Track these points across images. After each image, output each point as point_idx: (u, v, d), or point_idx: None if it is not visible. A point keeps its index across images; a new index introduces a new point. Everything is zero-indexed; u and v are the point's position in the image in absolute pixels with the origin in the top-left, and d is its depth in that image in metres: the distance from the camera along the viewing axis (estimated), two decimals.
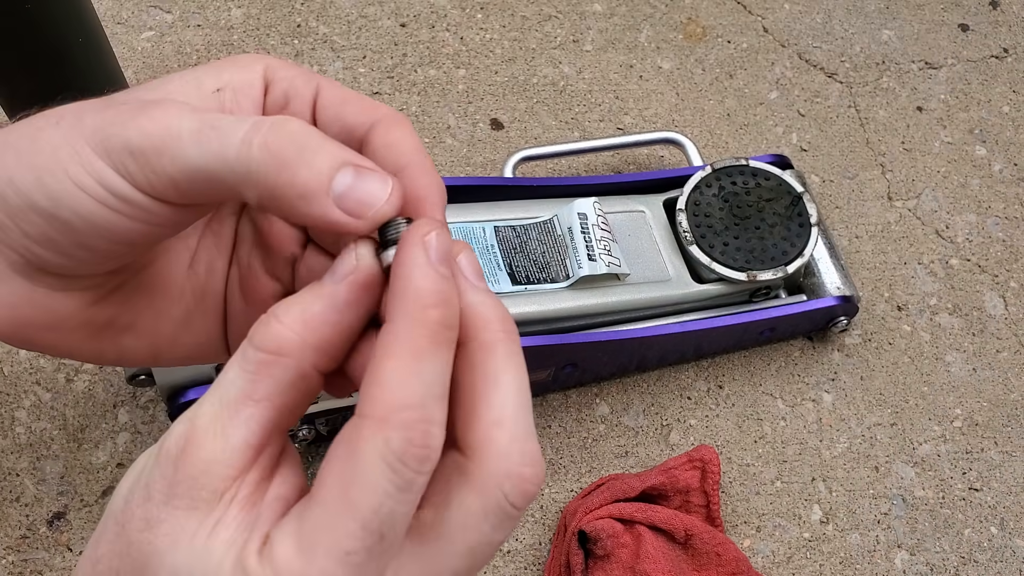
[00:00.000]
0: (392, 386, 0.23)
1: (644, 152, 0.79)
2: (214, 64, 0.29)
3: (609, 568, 0.59)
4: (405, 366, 0.23)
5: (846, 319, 0.69)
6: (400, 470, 0.23)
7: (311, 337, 0.25)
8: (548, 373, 0.64)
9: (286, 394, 0.25)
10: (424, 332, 0.24)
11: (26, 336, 0.29)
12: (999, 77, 0.86)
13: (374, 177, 0.25)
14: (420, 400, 0.23)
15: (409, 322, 0.24)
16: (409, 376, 0.23)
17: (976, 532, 0.66)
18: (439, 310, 0.24)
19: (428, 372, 0.24)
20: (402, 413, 0.23)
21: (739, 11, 0.88)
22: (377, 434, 0.23)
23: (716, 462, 0.63)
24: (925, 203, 0.79)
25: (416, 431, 0.23)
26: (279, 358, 0.24)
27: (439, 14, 0.84)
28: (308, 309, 0.25)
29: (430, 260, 0.24)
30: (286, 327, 0.24)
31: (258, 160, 0.24)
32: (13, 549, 0.60)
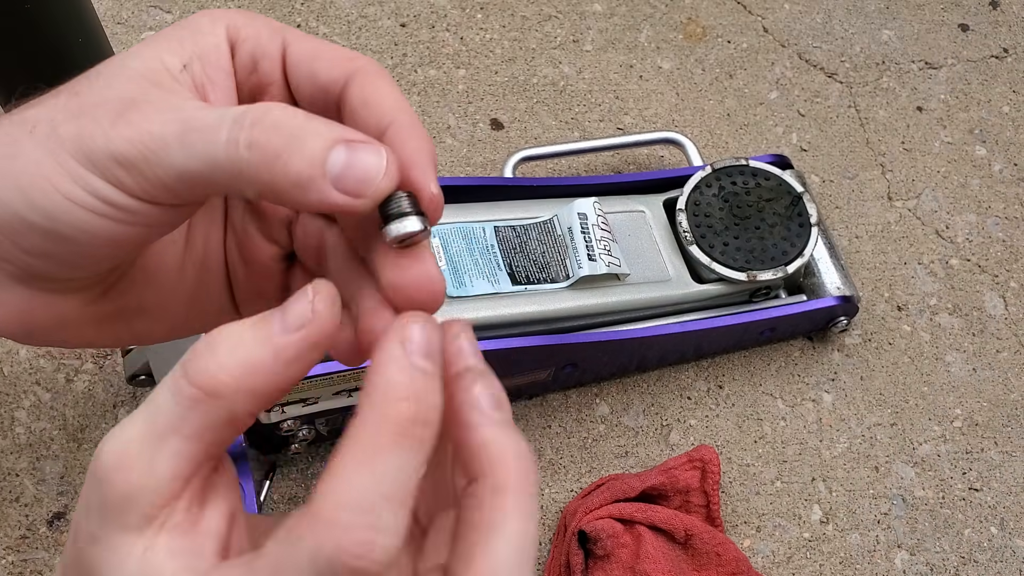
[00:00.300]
0: (338, 483, 0.21)
1: (644, 152, 0.79)
2: (173, 33, 0.27)
3: (609, 568, 0.59)
4: (358, 463, 0.22)
5: (846, 319, 0.69)
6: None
7: (248, 384, 0.23)
8: (548, 373, 0.64)
9: (216, 432, 0.23)
10: (388, 428, 0.22)
11: (36, 336, 0.28)
12: (999, 77, 0.86)
13: (368, 150, 0.24)
14: (369, 504, 0.21)
15: (374, 415, 0.22)
16: (360, 474, 0.22)
17: (976, 532, 0.66)
18: (408, 404, 0.22)
19: (384, 472, 0.22)
20: (342, 514, 0.21)
21: (739, 11, 0.88)
22: (310, 535, 0.21)
23: (716, 462, 0.63)
24: (925, 203, 0.79)
25: (353, 539, 0.21)
26: (211, 399, 0.23)
27: (439, 14, 0.84)
28: (251, 356, 0.23)
29: (407, 353, 0.23)
30: (224, 370, 0.23)
31: (247, 159, 0.23)
32: (13, 549, 0.60)
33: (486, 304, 0.59)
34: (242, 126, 0.23)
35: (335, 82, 0.27)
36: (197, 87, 0.26)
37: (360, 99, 0.26)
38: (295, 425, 0.58)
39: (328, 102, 0.27)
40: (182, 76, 0.26)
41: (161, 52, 0.26)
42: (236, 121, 0.24)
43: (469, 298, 0.59)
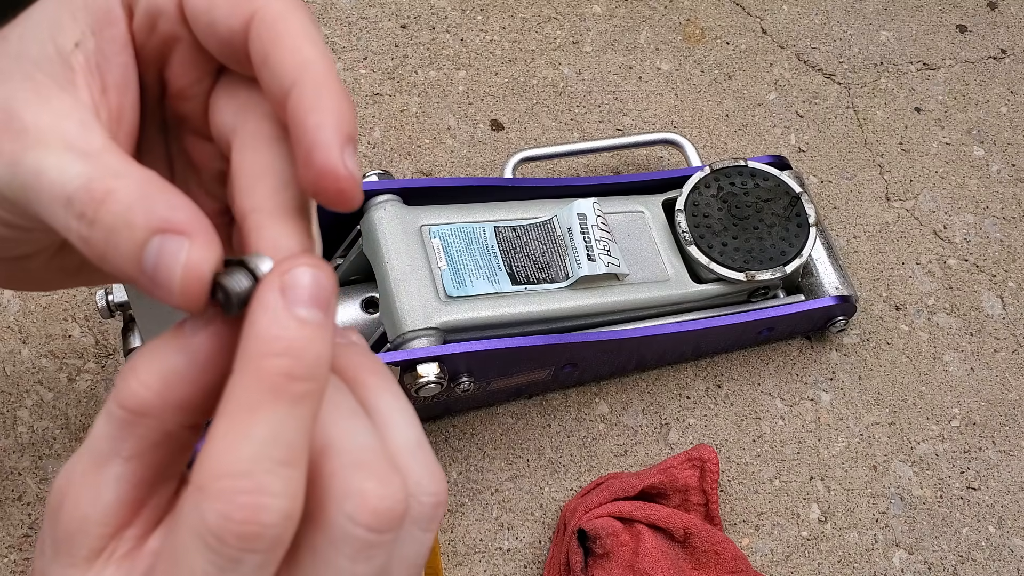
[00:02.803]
0: (216, 449, 0.20)
1: (643, 153, 0.79)
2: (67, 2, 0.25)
3: (608, 566, 0.59)
4: (234, 427, 0.20)
5: (844, 319, 0.69)
6: (219, 548, 0.20)
7: (171, 396, 0.22)
8: (548, 373, 0.64)
9: (155, 452, 0.23)
10: (261, 385, 0.21)
11: (11, 286, 0.28)
12: (997, 78, 0.86)
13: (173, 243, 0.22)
14: (247, 466, 0.20)
15: (245, 373, 0.21)
16: (238, 438, 0.20)
17: (974, 531, 0.66)
18: (282, 360, 0.21)
19: (262, 432, 0.20)
20: (222, 482, 0.20)
21: (738, 13, 0.88)
22: (193, 507, 0.20)
23: (715, 461, 0.63)
24: (923, 203, 0.80)
25: (235, 503, 0.20)
26: (140, 418, 0.22)
27: (439, 16, 0.84)
28: (167, 365, 0.22)
29: (289, 302, 0.21)
30: (144, 386, 0.22)
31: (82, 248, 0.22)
32: (15, 548, 0.60)
33: (486, 304, 0.59)
34: (72, 213, 0.22)
35: (235, 33, 0.24)
36: (91, 69, 0.25)
37: (260, 56, 0.24)
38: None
39: (237, 56, 0.25)
40: (75, 57, 0.24)
41: (55, 31, 0.25)
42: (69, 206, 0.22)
43: (469, 298, 0.59)
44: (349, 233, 0.63)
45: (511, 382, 0.64)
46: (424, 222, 0.61)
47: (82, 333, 0.67)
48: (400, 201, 0.62)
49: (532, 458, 0.66)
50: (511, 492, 0.65)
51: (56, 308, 0.67)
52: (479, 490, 0.65)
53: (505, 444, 0.67)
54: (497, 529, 0.64)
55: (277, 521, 0.20)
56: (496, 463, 0.66)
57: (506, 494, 0.65)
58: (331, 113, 0.23)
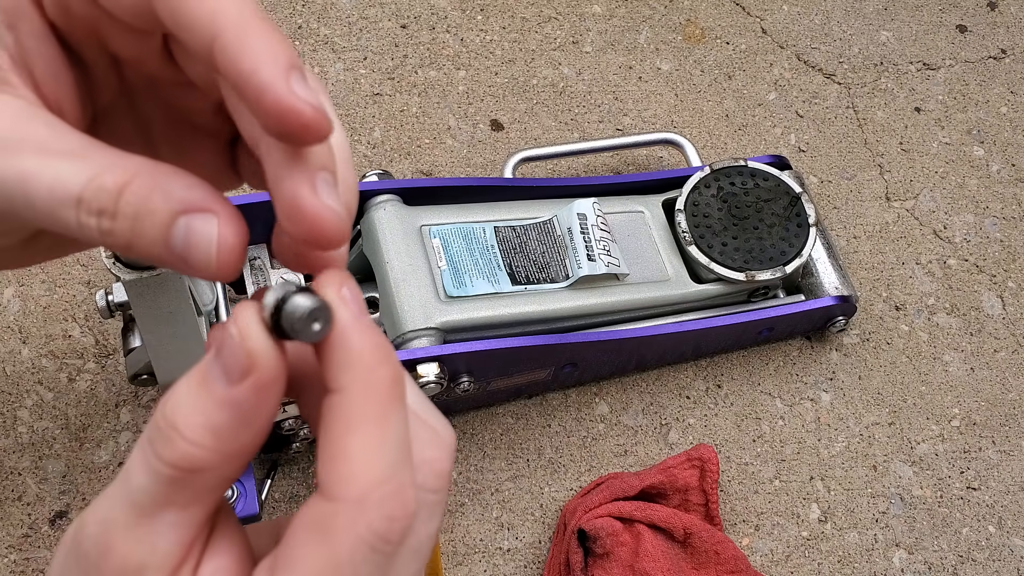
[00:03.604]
0: (362, 463, 0.22)
1: (643, 153, 0.79)
2: None
3: (608, 566, 0.59)
4: (371, 438, 0.22)
5: (844, 319, 0.69)
6: (383, 548, 0.21)
7: (228, 450, 0.22)
8: (548, 372, 0.64)
9: (213, 494, 0.23)
10: (379, 396, 0.22)
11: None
12: (997, 78, 0.86)
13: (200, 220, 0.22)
14: (393, 470, 0.22)
15: (362, 388, 0.22)
16: (377, 448, 0.22)
17: (974, 531, 0.66)
18: (386, 368, 0.22)
19: (393, 437, 0.22)
20: (379, 490, 0.21)
21: (738, 12, 0.88)
22: (357, 519, 0.21)
23: (715, 461, 0.63)
24: (923, 203, 0.80)
25: (396, 504, 0.22)
26: (195, 474, 0.22)
27: (439, 16, 0.84)
28: (213, 421, 0.22)
29: (356, 316, 0.22)
30: (195, 446, 0.22)
31: (103, 241, 0.22)
32: (15, 548, 0.60)
33: (486, 304, 0.59)
34: (90, 211, 0.22)
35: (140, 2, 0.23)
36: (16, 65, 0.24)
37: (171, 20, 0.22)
38: (297, 424, 0.59)
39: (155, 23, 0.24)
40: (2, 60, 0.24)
41: None
42: (81, 205, 0.22)
43: (469, 298, 0.59)
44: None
45: (511, 382, 0.64)
46: (424, 222, 0.61)
47: (82, 333, 0.67)
48: (400, 201, 0.62)
49: (532, 458, 0.66)
50: (511, 492, 0.65)
51: (56, 308, 0.67)
52: (479, 490, 0.65)
53: (505, 444, 0.67)
54: (497, 529, 0.64)
55: (415, 510, 0.22)
56: (496, 463, 0.66)
57: (506, 494, 0.65)
58: (262, 52, 0.22)
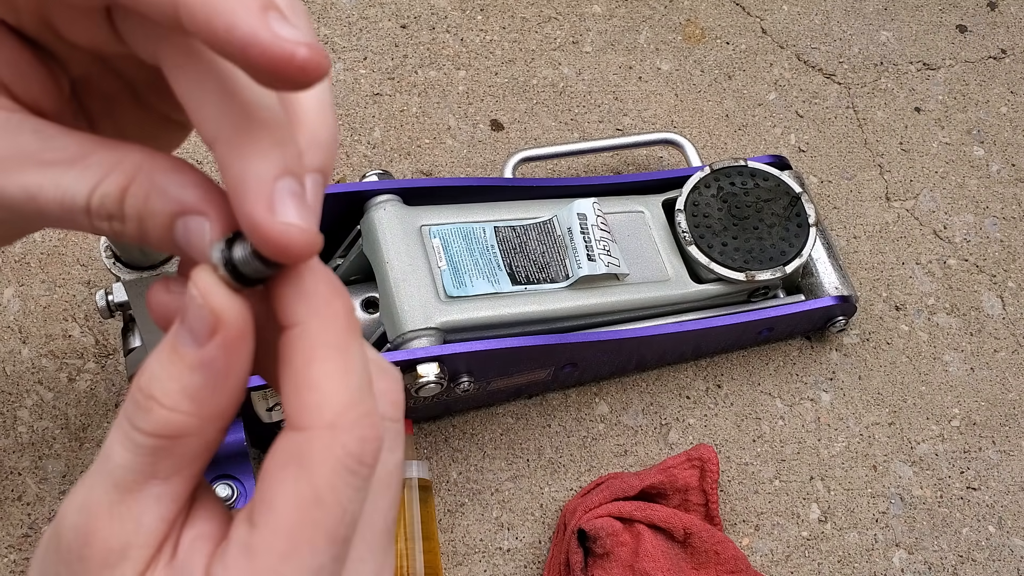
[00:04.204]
0: (329, 390, 0.22)
1: (643, 153, 0.79)
2: None
3: (608, 566, 0.59)
4: (335, 365, 0.22)
5: (844, 319, 0.69)
6: (358, 470, 0.22)
7: (206, 412, 0.22)
8: (548, 373, 0.64)
9: (196, 463, 0.23)
10: (337, 326, 0.22)
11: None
12: (997, 78, 0.86)
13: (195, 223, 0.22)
14: (359, 395, 0.22)
15: (319, 319, 0.22)
16: (343, 374, 0.22)
17: (974, 531, 0.66)
18: (341, 300, 0.23)
19: (356, 364, 0.23)
20: (349, 414, 0.22)
21: (738, 12, 0.88)
22: (332, 444, 0.22)
23: (715, 461, 0.63)
24: (923, 203, 0.80)
25: (366, 425, 0.22)
26: (177, 440, 0.22)
27: (439, 16, 0.84)
28: (188, 384, 0.22)
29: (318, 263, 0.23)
30: (174, 412, 0.22)
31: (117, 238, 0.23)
32: (15, 548, 0.60)
33: (486, 304, 0.59)
34: (100, 217, 0.23)
35: None
36: None
37: None
38: None
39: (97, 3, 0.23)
40: None
41: None
42: (90, 213, 0.23)
43: (469, 298, 0.59)
44: (349, 233, 0.63)
45: (511, 382, 0.64)
46: (424, 222, 0.61)
47: (82, 333, 0.67)
48: (400, 201, 0.62)
49: (532, 458, 0.66)
50: (511, 492, 0.65)
51: (56, 308, 0.67)
52: (479, 490, 0.65)
53: (505, 444, 0.67)
54: (497, 529, 0.64)
55: (382, 433, 0.23)
56: (496, 463, 0.66)
57: (506, 494, 0.65)
58: (231, 2, 0.20)
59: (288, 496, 0.21)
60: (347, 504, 0.22)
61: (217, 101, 0.22)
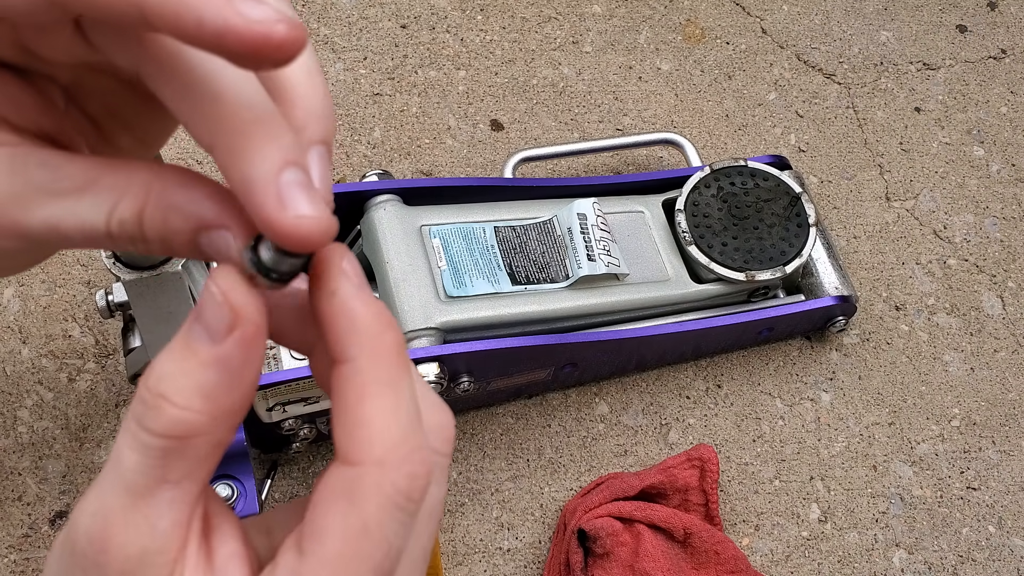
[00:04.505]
0: (380, 426, 0.22)
1: (643, 153, 0.79)
2: None
3: (609, 566, 0.59)
4: (385, 402, 0.23)
5: (844, 319, 0.69)
6: (407, 506, 0.22)
7: (218, 410, 0.22)
8: (548, 372, 0.64)
9: (206, 465, 0.23)
10: (388, 362, 0.23)
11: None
12: (997, 78, 0.86)
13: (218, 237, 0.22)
14: (409, 431, 0.23)
15: (371, 355, 0.23)
16: (393, 411, 0.23)
17: (974, 531, 0.66)
18: (391, 334, 0.23)
19: (405, 401, 0.23)
20: (399, 450, 0.22)
21: (738, 12, 0.88)
22: (382, 480, 0.22)
23: (715, 461, 0.63)
24: (923, 203, 0.80)
25: (416, 462, 0.22)
26: (188, 441, 0.22)
27: (439, 16, 0.84)
28: (202, 382, 0.21)
29: (358, 287, 0.23)
30: (186, 410, 0.21)
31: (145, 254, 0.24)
32: (15, 548, 0.60)
33: (486, 304, 0.59)
34: (125, 239, 0.23)
35: None
36: None
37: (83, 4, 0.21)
38: (296, 424, 0.59)
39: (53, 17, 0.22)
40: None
41: None
42: (112, 237, 0.23)
43: (469, 298, 0.59)
44: (349, 233, 0.63)
45: (511, 382, 0.64)
46: (424, 222, 0.61)
47: (82, 333, 0.67)
48: (400, 201, 0.62)
49: (532, 458, 0.66)
50: (511, 492, 0.65)
51: (56, 308, 0.67)
52: (479, 490, 0.65)
53: (505, 444, 0.67)
54: (497, 529, 0.64)
55: (432, 469, 0.23)
56: (496, 463, 0.66)
57: (506, 494, 0.65)
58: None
59: (337, 528, 0.22)
60: (393, 539, 0.22)
61: (204, 107, 0.22)
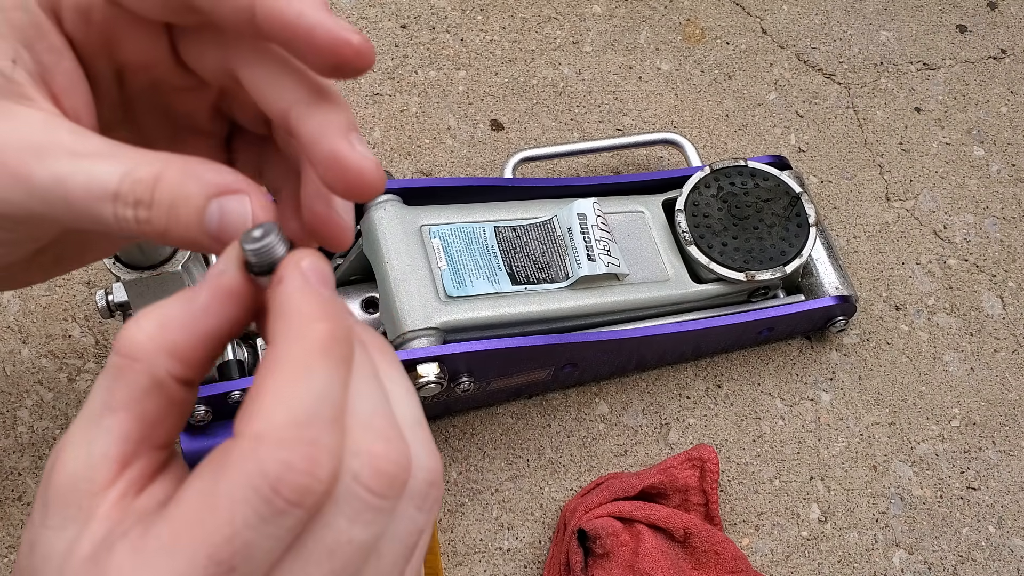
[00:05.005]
0: (269, 402, 0.21)
1: (643, 153, 0.79)
2: None
3: (608, 566, 0.59)
4: (289, 380, 0.21)
5: (844, 319, 0.69)
6: (270, 499, 0.20)
7: (164, 340, 0.23)
8: (548, 372, 0.64)
9: (143, 402, 0.23)
10: (311, 345, 0.22)
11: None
12: (997, 78, 0.86)
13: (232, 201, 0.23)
14: (306, 418, 0.21)
15: (293, 337, 0.22)
16: (294, 390, 0.21)
17: (974, 531, 0.66)
18: (327, 323, 0.22)
19: (313, 389, 0.21)
20: (281, 432, 0.20)
21: (738, 12, 0.88)
22: (249, 455, 0.20)
23: (715, 461, 0.63)
24: (923, 203, 0.80)
25: (299, 455, 0.20)
26: (132, 363, 0.23)
27: (439, 16, 0.84)
28: (166, 313, 0.23)
29: (310, 282, 0.23)
30: (141, 331, 0.23)
31: (139, 231, 0.24)
32: (15, 548, 0.60)
33: (486, 304, 0.59)
34: (127, 204, 0.23)
35: None
36: (36, 81, 0.25)
37: None
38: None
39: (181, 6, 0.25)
40: (17, 73, 0.25)
41: None
42: (118, 200, 0.23)
43: (469, 298, 0.59)
44: None
45: (511, 382, 0.64)
46: (424, 222, 0.61)
47: (82, 333, 0.67)
48: (400, 201, 0.62)
49: (532, 458, 0.66)
50: (511, 492, 0.65)
51: (56, 308, 0.67)
52: (479, 490, 0.65)
53: (505, 444, 0.67)
54: (497, 529, 0.64)
55: (327, 479, 0.20)
56: (496, 463, 0.66)
57: (506, 494, 0.65)
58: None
59: (191, 494, 0.21)
60: (243, 528, 0.20)
61: (288, 81, 0.25)
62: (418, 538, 0.24)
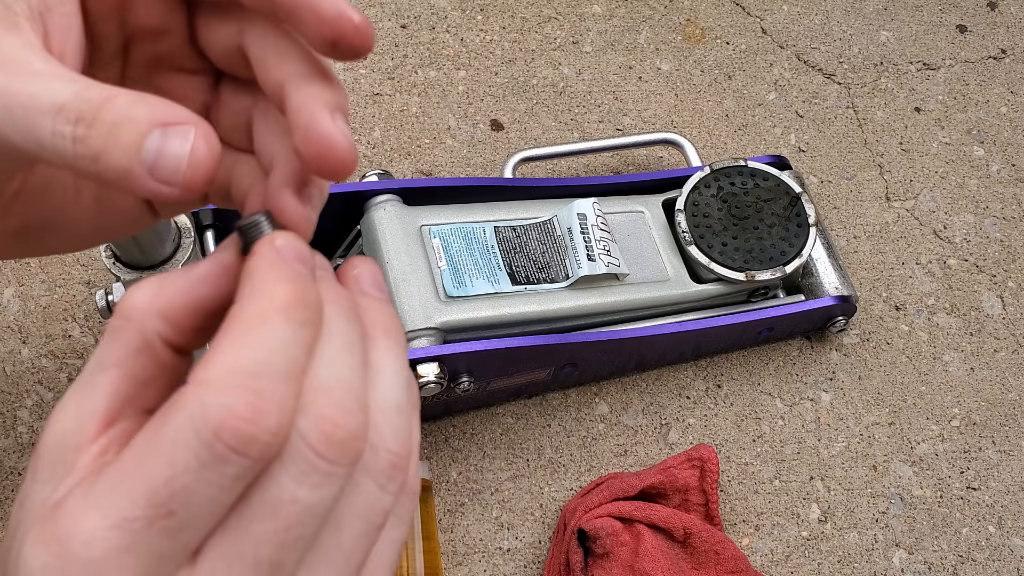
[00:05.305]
0: (223, 350, 0.21)
1: (643, 153, 0.79)
2: None
3: (608, 566, 0.59)
4: (242, 332, 0.21)
5: (844, 319, 0.69)
6: (211, 443, 0.20)
7: (157, 303, 0.24)
8: (548, 372, 0.64)
9: (132, 360, 0.23)
10: (270, 303, 0.22)
11: None
12: (997, 78, 0.86)
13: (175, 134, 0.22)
14: (256, 368, 0.21)
15: (255, 296, 0.22)
16: (246, 341, 0.21)
17: (974, 531, 0.66)
18: (290, 286, 0.22)
19: (271, 341, 0.21)
20: (228, 377, 0.20)
21: (738, 12, 0.88)
22: (192, 399, 0.20)
23: (715, 461, 0.63)
24: (923, 203, 0.80)
25: (241, 400, 0.20)
26: (126, 322, 0.24)
27: (439, 16, 0.84)
28: (165, 280, 0.24)
29: (282, 255, 0.23)
30: (138, 293, 0.24)
31: (73, 152, 0.22)
32: None
33: (486, 304, 0.59)
34: (68, 119, 0.22)
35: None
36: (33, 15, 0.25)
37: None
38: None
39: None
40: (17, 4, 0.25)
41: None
42: (61, 113, 0.22)
43: (469, 298, 0.59)
44: (349, 233, 0.63)
45: (511, 382, 0.64)
46: (424, 222, 0.61)
47: (82, 333, 0.67)
48: (400, 201, 0.62)
49: (532, 458, 0.66)
50: (511, 492, 0.65)
51: (56, 308, 0.67)
52: (479, 490, 0.65)
53: (505, 444, 0.67)
54: (497, 529, 0.64)
55: (273, 431, 0.20)
56: (496, 463, 0.66)
57: (506, 494, 0.65)
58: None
59: (138, 439, 0.21)
60: (180, 470, 0.20)
61: (292, 56, 0.26)
62: (383, 518, 0.24)
